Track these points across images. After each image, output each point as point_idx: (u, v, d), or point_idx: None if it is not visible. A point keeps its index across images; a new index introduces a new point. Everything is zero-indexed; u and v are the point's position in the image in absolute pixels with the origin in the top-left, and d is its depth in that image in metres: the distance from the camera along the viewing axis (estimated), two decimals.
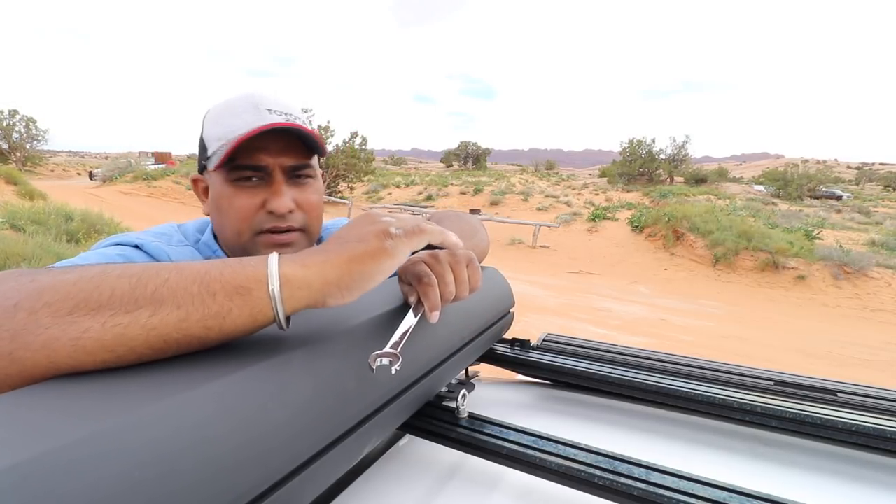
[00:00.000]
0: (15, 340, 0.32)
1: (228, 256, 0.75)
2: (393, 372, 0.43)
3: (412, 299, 0.53)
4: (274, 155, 0.68)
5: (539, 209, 18.37)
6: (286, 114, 0.70)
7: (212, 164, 0.69)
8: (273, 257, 0.40)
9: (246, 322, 0.38)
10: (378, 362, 0.42)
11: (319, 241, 0.89)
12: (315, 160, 0.75)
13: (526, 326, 5.55)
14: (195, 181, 0.78)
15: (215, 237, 0.78)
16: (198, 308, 0.36)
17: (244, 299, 0.37)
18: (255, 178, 0.69)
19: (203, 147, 0.72)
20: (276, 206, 0.68)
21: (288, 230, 0.70)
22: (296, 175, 0.71)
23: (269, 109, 0.68)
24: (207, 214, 0.76)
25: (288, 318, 0.40)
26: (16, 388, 0.33)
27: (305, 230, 0.73)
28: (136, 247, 0.64)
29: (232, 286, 0.37)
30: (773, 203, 23.60)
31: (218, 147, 0.68)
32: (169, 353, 0.36)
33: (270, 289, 0.38)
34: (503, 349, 0.84)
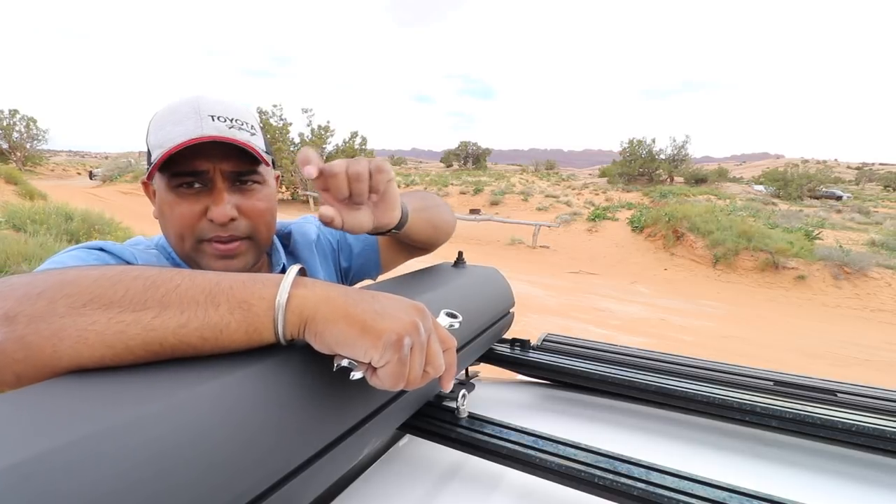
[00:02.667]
0: (30, 325, 0.34)
1: (180, 259, 0.74)
2: (351, 377, 0.39)
3: None
4: (215, 160, 0.65)
5: (539, 209, 18.37)
6: (231, 119, 0.67)
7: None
8: (293, 270, 0.40)
9: (241, 338, 0.38)
10: (340, 363, 0.39)
11: (288, 243, 0.87)
12: (267, 166, 0.72)
13: (526, 326, 5.55)
14: (145, 185, 0.75)
15: None
16: (199, 316, 0.36)
17: (244, 314, 0.37)
18: (197, 185, 0.66)
19: (148, 153, 0.69)
20: (214, 215, 0.65)
21: (231, 239, 0.68)
22: (241, 181, 0.69)
23: (213, 116, 0.65)
24: (157, 217, 0.72)
25: (290, 341, 0.40)
26: (18, 375, 0.34)
27: (252, 238, 0.70)
28: (101, 249, 0.64)
29: (237, 300, 0.37)
30: (773, 203, 23.61)
31: (157, 155, 0.65)
32: (164, 358, 0.36)
33: (277, 301, 0.38)
34: (503, 349, 0.84)
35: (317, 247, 0.90)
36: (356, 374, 0.38)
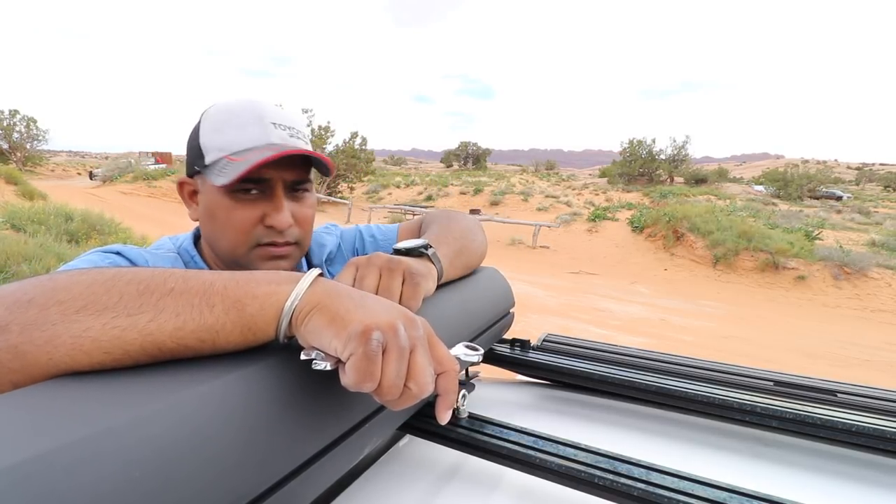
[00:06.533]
0: (23, 334, 0.33)
1: (211, 263, 0.74)
2: (313, 366, 0.37)
3: None
4: (278, 169, 0.66)
5: (539, 209, 18.37)
6: (290, 128, 0.69)
7: (212, 175, 0.66)
8: (312, 272, 0.40)
9: (237, 338, 0.38)
10: (309, 354, 0.38)
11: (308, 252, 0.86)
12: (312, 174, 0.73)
13: (526, 326, 5.55)
14: (182, 184, 0.74)
15: (195, 243, 0.76)
16: (195, 319, 0.36)
17: (238, 314, 0.37)
18: (255, 191, 0.67)
19: (199, 152, 0.68)
20: (277, 222, 0.66)
21: (285, 244, 0.69)
22: (294, 189, 0.70)
23: (275, 123, 0.67)
24: (196, 220, 0.73)
25: (291, 338, 0.40)
26: (15, 384, 0.33)
27: (299, 243, 0.72)
28: (118, 253, 0.64)
29: (231, 300, 0.37)
30: (773, 203, 23.62)
31: (219, 157, 0.66)
32: (164, 360, 0.36)
33: (287, 304, 0.38)
34: (503, 349, 0.84)
35: (335, 258, 0.88)
36: (318, 365, 0.36)
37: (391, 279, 0.51)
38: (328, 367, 0.36)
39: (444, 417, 0.41)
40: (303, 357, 0.37)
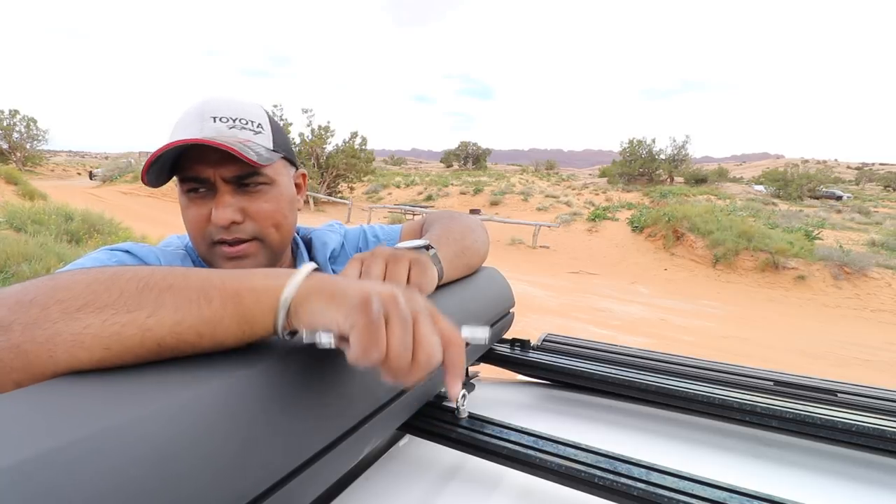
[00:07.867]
0: (24, 333, 0.33)
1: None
2: (318, 345, 0.37)
3: None
4: (213, 165, 0.65)
5: (539, 209, 18.37)
6: (234, 119, 0.67)
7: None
8: (308, 267, 0.40)
9: (235, 332, 0.38)
10: (312, 337, 0.38)
11: (310, 251, 0.87)
12: (277, 165, 0.71)
13: (526, 326, 5.55)
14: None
15: None
16: (193, 313, 0.36)
17: (235, 307, 0.37)
18: (202, 189, 0.67)
19: None
20: (214, 219, 0.66)
21: (237, 242, 0.68)
22: (244, 184, 0.68)
23: (215, 117, 0.66)
24: None
25: (293, 333, 0.40)
26: (18, 384, 0.33)
27: (261, 239, 0.71)
28: (126, 251, 0.65)
29: (228, 293, 0.37)
30: (773, 203, 23.63)
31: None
32: (164, 356, 0.36)
33: (283, 296, 0.38)
34: (503, 349, 0.84)
35: (339, 257, 0.88)
36: (322, 339, 0.36)
37: (397, 266, 0.52)
38: (332, 344, 0.37)
39: (454, 391, 0.39)
40: (305, 339, 0.38)
